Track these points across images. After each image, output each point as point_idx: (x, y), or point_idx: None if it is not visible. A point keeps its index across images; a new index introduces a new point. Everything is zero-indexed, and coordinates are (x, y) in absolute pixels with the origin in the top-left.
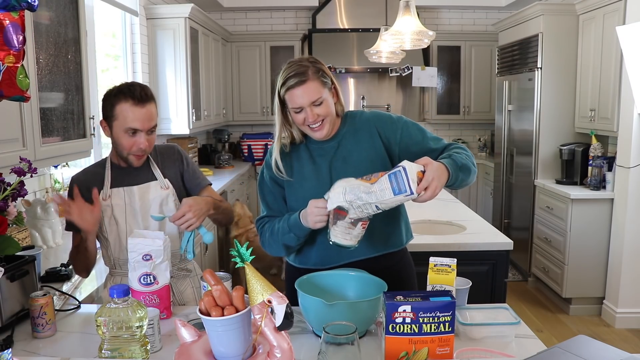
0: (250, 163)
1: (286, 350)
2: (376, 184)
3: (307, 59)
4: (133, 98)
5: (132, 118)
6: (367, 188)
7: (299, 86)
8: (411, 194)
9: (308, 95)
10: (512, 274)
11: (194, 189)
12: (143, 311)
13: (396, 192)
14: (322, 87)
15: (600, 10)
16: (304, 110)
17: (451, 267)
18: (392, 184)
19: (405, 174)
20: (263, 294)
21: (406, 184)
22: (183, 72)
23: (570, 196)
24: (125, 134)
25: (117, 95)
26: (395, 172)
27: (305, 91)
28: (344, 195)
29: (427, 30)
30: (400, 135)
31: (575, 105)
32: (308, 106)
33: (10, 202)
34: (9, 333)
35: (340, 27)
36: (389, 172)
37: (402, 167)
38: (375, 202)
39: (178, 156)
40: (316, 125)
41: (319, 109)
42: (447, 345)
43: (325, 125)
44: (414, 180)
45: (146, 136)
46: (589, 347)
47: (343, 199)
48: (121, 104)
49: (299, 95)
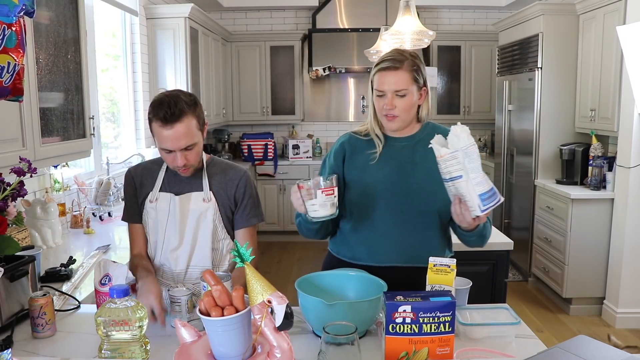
0: (250, 163)
1: (286, 350)
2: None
3: (411, 52)
4: (159, 119)
5: (162, 139)
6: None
7: (390, 71)
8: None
9: (395, 83)
10: (512, 274)
11: (237, 220)
12: (143, 311)
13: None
14: (411, 82)
15: (600, 10)
16: (385, 96)
17: (451, 267)
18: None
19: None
20: (263, 294)
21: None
22: (183, 72)
23: (571, 196)
24: (162, 150)
25: (150, 112)
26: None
27: (393, 77)
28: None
29: (427, 30)
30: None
31: (575, 105)
32: (391, 93)
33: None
34: (8, 333)
35: (340, 27)
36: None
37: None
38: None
39: (237, 181)
40: (390, 113)
41: (400, 100)
42: (447, 345)
43: (398, 119)
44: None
45: (183, 153)
46: (589, 347)
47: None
48: (153, 123)
49: (386, 80)
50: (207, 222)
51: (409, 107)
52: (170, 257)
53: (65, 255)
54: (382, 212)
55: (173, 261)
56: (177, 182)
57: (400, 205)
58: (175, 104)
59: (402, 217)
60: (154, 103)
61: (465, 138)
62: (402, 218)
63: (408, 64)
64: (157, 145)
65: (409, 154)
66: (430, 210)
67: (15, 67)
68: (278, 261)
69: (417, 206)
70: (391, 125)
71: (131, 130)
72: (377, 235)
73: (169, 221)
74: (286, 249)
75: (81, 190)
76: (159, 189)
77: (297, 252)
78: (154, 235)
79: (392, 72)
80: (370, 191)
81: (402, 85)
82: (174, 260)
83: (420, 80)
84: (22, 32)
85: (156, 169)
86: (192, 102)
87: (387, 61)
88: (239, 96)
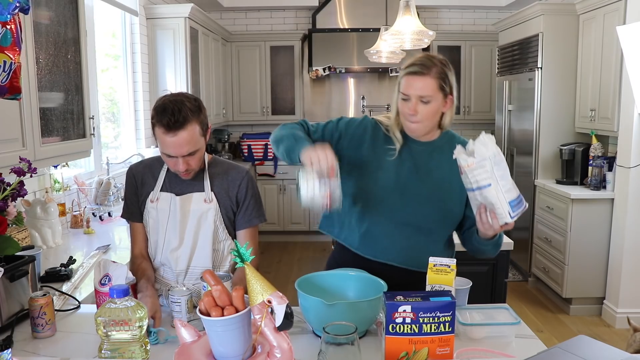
0: (250, 163)
1: (286, 350)
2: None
3: (441, 59)
4: (162, 125)
5: (165, 145)
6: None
7: (417, 76)
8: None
9: (421, 88)
10: (512, 274)
11: (239, 221)
12: (143, 311)
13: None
14: (437, 89)
15: (600, 10)
16: (410, 100)
17: (450, 267)
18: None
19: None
20: (263, 294)
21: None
22: (183, 72)
23: (571, 196)
24: (164, 155)
25: (153, 117)
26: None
27: (420, 83)
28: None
29: (427, 30)
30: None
31: (575, 105)
32: (415, 98)
33: (10, 202)
34: (8, 333)
35: (340, 27)
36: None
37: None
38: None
39: (239, 182)
40: (413, 118)
41: (424, 107)
42: (447, 345)
43: (420, 125)
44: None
45: (185, 158)
46: (589, 347)
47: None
48: (156, 128)
49: (413, 84)
50: (207, 223)
51: (431, 114)
52: (171, 257)
53: (65, 255)
54: (388, 209)
55: (173, 261)
56: (179, 183)
57: (407, 207)
58: (179, 111)
59: (406, 218)
60: (157, 108)
61: (492, 147)
62: (405, 219)
63: (436, 70)
64: (159, 149)
65: (425, 160)
66: (435, 217)
67: (12, 66)
68: (278, 261)
69: (423, 211)
70: (412, 128)
71: (131, 130)
72: (379, 229)
73: (169, 221)
74: (286, 249)
75: (81, 190)
76: (160, 189)
77: (297, 252)
78: (154, 235)
79: (419, 78)
80: (381, 185)
81: (428, 92)
82: (175, 261)
83: (447, 88)
84: (17, 30)
85: (158, 167)
86: (196, 108)
87: (416, 66)
88: (239, 96)
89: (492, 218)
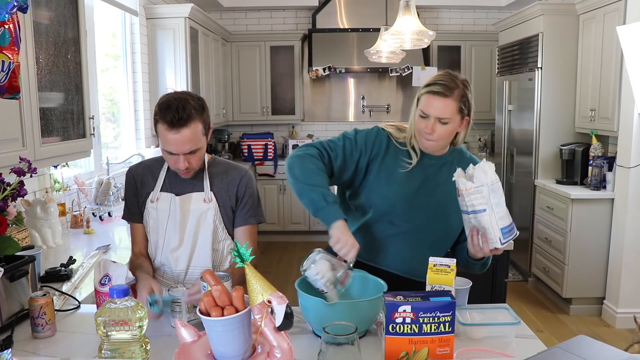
0: (250, 163)
1: (286, 350)
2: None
3: (463, 80)
4: (165, 122)
5: (167, 142)
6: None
7: (439, 97)
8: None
9: (441, 110)
10: (512, 274)
11: (237, 219)
12: (143, 311)
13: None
14: (456, 112)
15: (600, 10)
16: (428, 119)
17: (450, 267)
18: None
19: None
20: (263, 294)
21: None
22: (183, 72)
23: (571, 196)
24: (165, 152)
25: (156, 113)
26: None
27: (441, 104)
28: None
29: (427, 30)
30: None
31: (575, 105)
32: (434, 118)
33: (10, 202)
34: (8, 333)
35: (340, 27)
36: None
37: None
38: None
39: (239, 180)
40: (429, 137)
41: (441, 127)
42: (447, 345)
43: (434, 143)
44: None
45: (186, 157)
46: (589, 347)
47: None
48: (159, 124)
49: (433, 104)
50: (207, 223)
51: (448, 135)
52: (171, 257)
53: (65, 255)
54: (395, 219)
55: (173, 261)
56: (178, 182)
57: (414, 219)
58: (183, 109)
59: (412, 230)
60: (161, 104)
61: (491, 174)
62: (411, 231)
63: (458, 93)
64: (161, 146)
65: (434, 173)
66: (441, 230)
67: (10, 66)
68: (278, 261)
69: (429, 223)
70: (426, 145)
71: (131, 130)
72: (383, 238)
73: (169, 221)
74: (286, 249)
75: (81, 190)
76: (159, 189)
77: (297, 252)
78: (154, 235)
79: (440, 99)
80: (391, 198)
81: (447, 115)
82: (175, 261)
83: (465, 110)
84: (15, 29)
85: (157, 167)
86: (200, 107)
87: (439, 86)
88: (239, 96)
89: (483, 242)
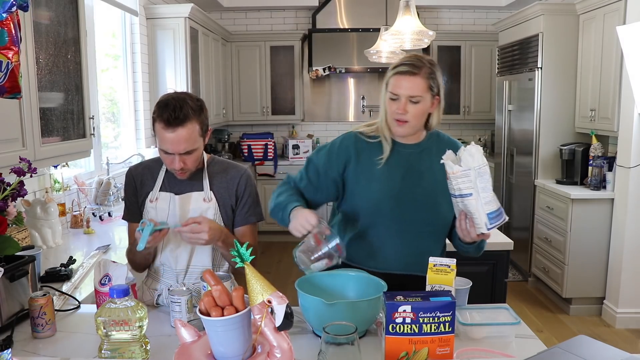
0: (250, 163)
1: (286, 350)
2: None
3: (429, 60)
4: (162, 120)
5: (163, 140)
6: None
7: (407, 76)
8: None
9: (411, 89)
10: (512, 274)
11: (236, 219)
12: (143, 311)
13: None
14: (426, 89)
15: (600, 10)
16: (399, 100)
17: (450, 267)
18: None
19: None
20: (263, 294)
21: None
22: (183, 72)
23: (571, 196)
24: (161, 151)
25: (155, 112)
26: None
27: (409, 83)
28: (330, 243)
29: (427, 30)
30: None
31: (575, 105)
32: (405, 98)
33: (10, 202)
34: (8, 333)
35: (340, 27)
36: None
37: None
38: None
39: (238, 179)
40: (402, 117)
41: (413, 107)
42: (447, 345)
43: (408, 125)
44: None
45: (181, 157)
46: (589, 347)
47: (328, 245)
48: (156, 123)
49: (402, 84)
50: None
51: (420, 114)
52: (171, 257)
53: (65, 255)
54: (386, 219)
55: (173, 261)
56: (178, 182)
57: (404, 215)
58: (180, 108)
59: (405, 226)
60: (160, 103)
61: (479, 158)
62: (404, 227)
63: (425, 70)
64: (158, 145)
65: (415, 162)
66: (434, 220)
67: (9, 66)
68: (278, 261)
69: (421, 216)
70: (400, 130)
71: (131, 130)
72: (379, 241)
73: (168, 220)
74: (286, 249)
75: (81, 190)
76: (159, 189)
77: None
78: None
79: (408, 77)
80: (376, 198)
81: (417, 92)
82: (174, 260)
83: (435, 88)
84: (14, 29)
85: (157, 168)
86: (198, 108)
87: (405, 65)
88: (239, 96)
89: (470, 226)
